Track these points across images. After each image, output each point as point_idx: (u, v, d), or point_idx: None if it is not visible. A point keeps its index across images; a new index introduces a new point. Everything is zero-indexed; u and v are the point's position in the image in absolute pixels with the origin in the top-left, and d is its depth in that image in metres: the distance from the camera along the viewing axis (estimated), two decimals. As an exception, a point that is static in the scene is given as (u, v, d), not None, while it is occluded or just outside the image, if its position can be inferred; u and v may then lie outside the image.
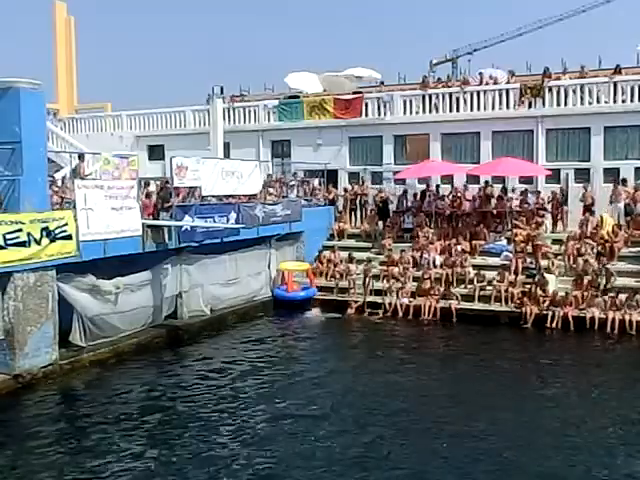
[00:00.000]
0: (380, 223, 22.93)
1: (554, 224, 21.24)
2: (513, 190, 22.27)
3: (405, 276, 19.62)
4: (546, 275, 18.26)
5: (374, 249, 21.99)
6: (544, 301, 17.47)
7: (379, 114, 25.28)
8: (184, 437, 10.32)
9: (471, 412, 11.32)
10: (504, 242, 20.67)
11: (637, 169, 21.72)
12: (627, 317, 16.46)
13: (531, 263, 19.13)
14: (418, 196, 23.31)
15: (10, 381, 12.46)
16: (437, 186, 23.26)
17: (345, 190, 24.74)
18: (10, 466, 9.40)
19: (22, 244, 12.43)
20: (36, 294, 12.85)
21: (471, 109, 23.95)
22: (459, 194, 22.34)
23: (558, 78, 23.90)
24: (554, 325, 16.99)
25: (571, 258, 18.82)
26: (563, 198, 21.39)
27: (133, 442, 10.13)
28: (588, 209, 20.68)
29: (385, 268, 20.14)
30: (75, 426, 10.97)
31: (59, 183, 16.10)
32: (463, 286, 19.17)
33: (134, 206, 15.11)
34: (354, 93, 26.06)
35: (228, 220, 18.15)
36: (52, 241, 13.01)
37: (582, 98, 22.51)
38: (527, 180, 22.84)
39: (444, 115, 24.31)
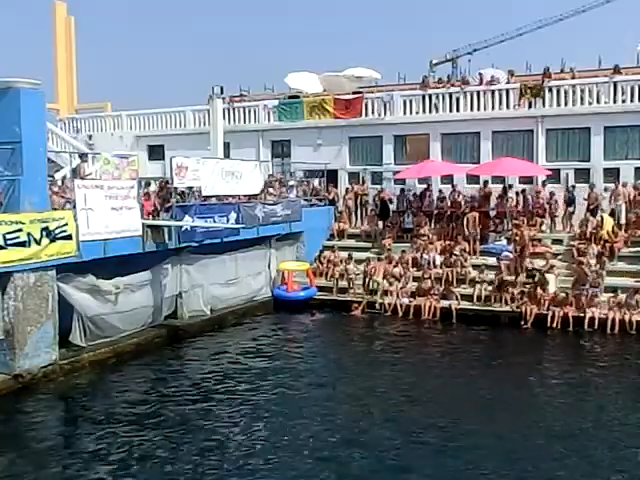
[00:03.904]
0: (380, 223, 22.95)
1: (552, 223, 21.24)
2: (510, 186, 22.20)
3: (405, 276, 19.63)
4: (546, 275, 18.25)
5: (374, 249, 22.01)
6: (544, 301, 17.48)
7: (379, 114, 25.32)
8: (184, 437, 10.31)
9: (470, 411, 11.33)
10: (504, 242, 20.68)
11: (637, 169, 21.72)
12: (627, 317, 16.48)
13: (531, 263, 19.13)
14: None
15: (10, 381, 12.46)
16: (440, 191, 23.18)
17: (347, 191, 24.76)
18: (10, 466, 9.39)
19: (22, 244, 12.43)
20: (36, 294, 12.85)
21: (471, 109, 23.95)
22: (456, 196, 22.35)
23: (562, 78, 23.93)
24: (554, 325, 17.00)
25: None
26: (570, 198, 21.33)
27: (133, 442, 10.12)
28: (589, 209, 20.66)
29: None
30: (75, 426, 10.99)
31: (59, 183, 16.10)
32: (463, 286, 19.18)
33: (134, 206, 15.12)
34: (354, 93, 26.06)
35: (228, 220, 18.16)
36: (52, 241, 13.01)
37: (582, 98, 22.51)
38: (527, 180, 22.85)
39: (444, 115, 24.31)
